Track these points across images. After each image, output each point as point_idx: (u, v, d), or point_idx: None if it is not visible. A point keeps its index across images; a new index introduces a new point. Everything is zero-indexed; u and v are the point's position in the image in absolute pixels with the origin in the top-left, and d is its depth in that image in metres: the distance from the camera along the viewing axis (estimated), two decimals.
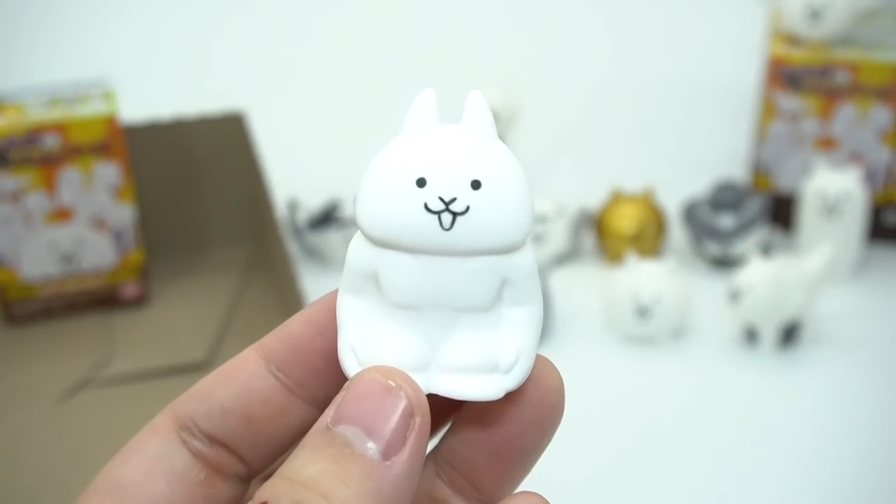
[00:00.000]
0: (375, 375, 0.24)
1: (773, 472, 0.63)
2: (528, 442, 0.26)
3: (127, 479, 0.25)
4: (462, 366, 0.25)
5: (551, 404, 0.26)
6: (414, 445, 0.23)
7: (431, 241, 0.24)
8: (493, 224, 0.25)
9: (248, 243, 0.81)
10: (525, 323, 0.25)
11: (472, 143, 0.25)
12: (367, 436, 0.23)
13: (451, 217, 0.24)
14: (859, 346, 0.72)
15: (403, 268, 0.25)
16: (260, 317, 0.74)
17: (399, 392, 0.24)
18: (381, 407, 0.23)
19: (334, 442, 0.23)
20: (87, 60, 1.08)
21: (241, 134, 0.78)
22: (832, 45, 0.78)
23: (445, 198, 0.24)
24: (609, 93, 1.07)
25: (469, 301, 0.25)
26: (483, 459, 0.26)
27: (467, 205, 0.24)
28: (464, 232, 0.24)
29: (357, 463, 0.23)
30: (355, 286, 0.25)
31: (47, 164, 0.70)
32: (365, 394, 0.24)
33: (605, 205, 0.80)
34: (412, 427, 0.23)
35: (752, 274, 0.70)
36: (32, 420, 0.66)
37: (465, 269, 0.25)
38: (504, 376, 0.25)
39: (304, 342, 0.26)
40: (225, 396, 0.26)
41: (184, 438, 0.26)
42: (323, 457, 0.23)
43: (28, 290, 0.73)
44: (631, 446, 0.65)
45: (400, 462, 0.23)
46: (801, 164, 0.81)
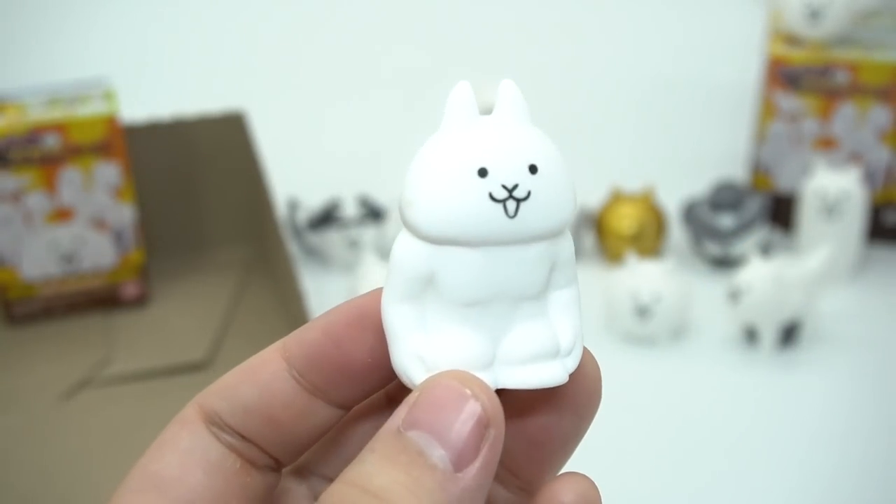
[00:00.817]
0: (452, 382, 0.23)
1: (773, 472, 0.63)
2: (567, 429, 0.26)
3: (165, 474, 0.25)
4: (527, 356, 0.25)
5: (589, 391, 0.26)
6: (486, 458, 0.23)
7: (497, 231, 0.24)
8: (552, 207, 0.25)
9: (248, 243, 0.81)
10: (572, 304, 0.26)
11: (518, 129, 0.25)
12: (440, 445, 0.23)
13: (515, 204, 0.24)
14: (859, 346, 0.72)
15: (467, 263, 0.24)
16: (260, 317, 0.74)
17: (476, 402, 0.23)
18: (455, 415, 0.23)
19: (406, 450, 0.23)
20: (87, 60, 1.08)
21: (241, 134, 0.78)
22: (832, 45, 0.78)
23: (508, 185, 0.24)
24: (609, 93, 1.07)
25: (528, 289, 0.25)
26: (521, 447, 0.26)
27: (529, 190, 0.24)
28: (526, 217, 0.24)
29: (429, 475, 0.22)
30: (409, 291, 0.25)
31: (47, 164, 0.70)
32: (440, 400, 0.23)
33: (604, 205, 0.80)
34: (486, 438, 0.23)
35: (751, 274, 0.70)
36: (32, 420, 0.66)
37: (526, 255, 0.25)
38: (566, 359, 0.25)
39: (321, 351, 0.26)
40: (248, 396, 0.26)
41: (214, 432, 0.26)
42: (394, 464, 0.22)
43: (28, 289, 0.73)
44: (631, 446, 0.65)
45: (471, 475, 0.23)
46: (800, 164, 0.81)
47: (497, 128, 0.25)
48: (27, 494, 0.61)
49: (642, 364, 0.71)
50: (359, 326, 0.26)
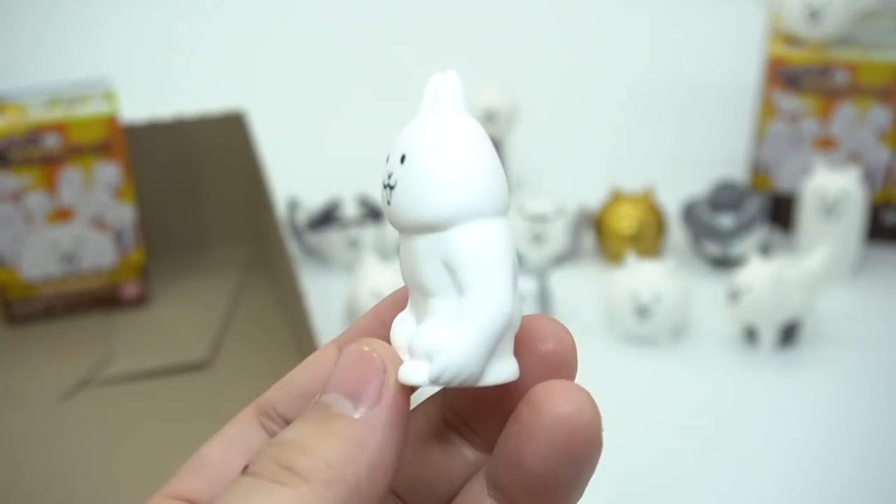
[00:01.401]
0: (354, 346, 0.25)
1: (773, 472, 0.63)
2: (565, 479, 0.25)
3: (207, 457, 0.27)
4: (414, 350, 0.25)
5: (583, 444, 0.24)
6: (390, 398, 0.24)
7: (387, 217, 0.26)
8: (415, 199, 0.24)
9: (248, 243, 0.81)
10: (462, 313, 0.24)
11: (425, 120, 0.25)
12: (347, 399, 0.24)
13: (389, 192, 0.25)
14: (859, 346, 0.72)
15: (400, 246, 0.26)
16: (260, 317, 0.74)
17: (373, 354, 0.25)
18: (358, 371, 0.25)
19: (317, 408, 0.24)
20: (87, 60, 1.08)
21: (241, 134, 0.78)
22: (831, 46, 0.78)
23: (388, 172, 0.25)
24: (609, 93, 1.07)
25: (425, 283, 0.25)
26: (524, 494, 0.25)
27: (396, 179, 0.25)
28: (396, 206, 0.25)
29: (337, 421, 0.24)
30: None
31: (48, 164, 0.70)
32: (346, 363, 0.25)
33: (604, 205, 0.80)
34: (386, 382, 0.24)
35: (751, 274, 0.70)
36: (32, 420, 0.66)
37: (414, 247, 0.25)
38: (429, 364, 0.24)
39: (370, 332, 0.27)
40: (303, 382, 0.28)
41: (263, 422, 0.28)
42: (307, 421, 0.24)
43: (28, 289, 0.73)
44: (630, 446, 0.65)
45: (379, 415, 0.24)
46: (800, 164, 0.81)
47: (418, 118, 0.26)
48: (27, 494, 0.61)
49: (642, 364, 0.71)
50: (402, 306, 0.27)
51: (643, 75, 1.10)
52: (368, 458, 0.24)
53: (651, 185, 0.80)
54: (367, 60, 1.14)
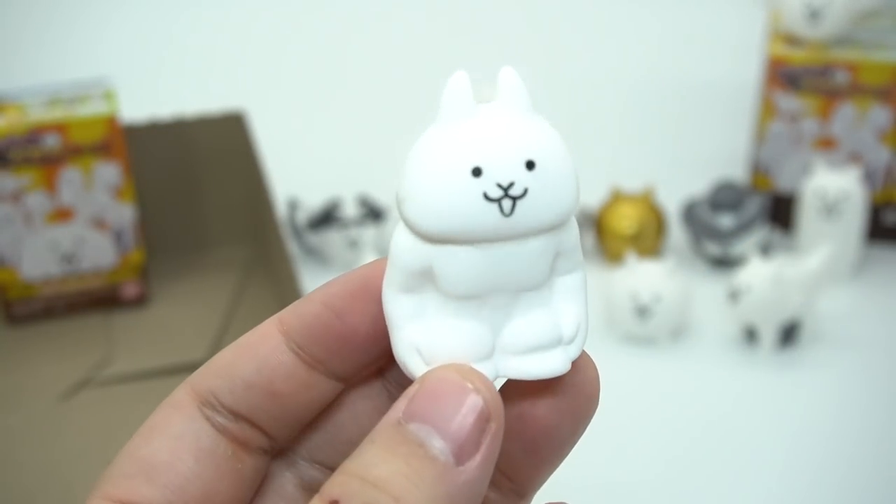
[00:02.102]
0: (453, 375, 0.23)
1: (773, 471, 0.63)
2: (564, 433, 0.26)
3: (154, 459, 0.25)
4: (529, 345, 0.24)
5: (588, 394, 0.26)
6: (487, 451, 0.23)
7: (493, 230, 0.24)
8: (551, 202, 0.24)
9: (248, 243, 0.81)
10: (577, 289, 0.25)
11: (517, 122, 0.24)
12: (440, 437, 0.23)
13: (511, 202, 0.23)
14: (859, 346, 0.72)
15: (464, 260, 0.24)
16: (260, 317, 0.73)
17: (477, 395, 0.23)
18: (457, 408, 0.23)
19: (407, 441, 0.23)
20: (87, 60, 1.08)
21: (241, 134, 0.78)
22: (831, 46, 0.78)
23: (503, 184, 0.23)
24: (609, 93, 1.07)
25: (529, 281, 0.24)
26: (519, 451, 0.26)
27: (525, 187, 0.24)
28: (524, 214, 0.24)
29: (430, 466, 0.22)
30: (407, 284, 0.25)
31: (47, 164, 0.70)
32: (441, 393, 0.23)
33: (604, 204, 0.80)
34: (487, 432, 0.23)
35: (751, 274, 0.70)
36: (32, 420, 0.66)
37: (525, 250, 0.24)
38: (568, 346, 0.25)
39: (321, 323, 0.26)
40: (247, 371, 0.26)
41: (207, 414, 0.26)
42: (395, 455, 0.22)
43: (28, 289, 0.73)
44: (630, 446, 0.65)
45: (472, 468, 0.23)
46: (800, 164, 0.81)
47: (492, 121, 0.24)
48: (27, 494, 0.61)
49: (642, 364, 0.71)
50: (362, 297, 0.26)
51: (643, 75, 1.10)
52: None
53: (651, 185, 0.80)
54: (368, 60, 1.14)
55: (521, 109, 0.25)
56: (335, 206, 0.80)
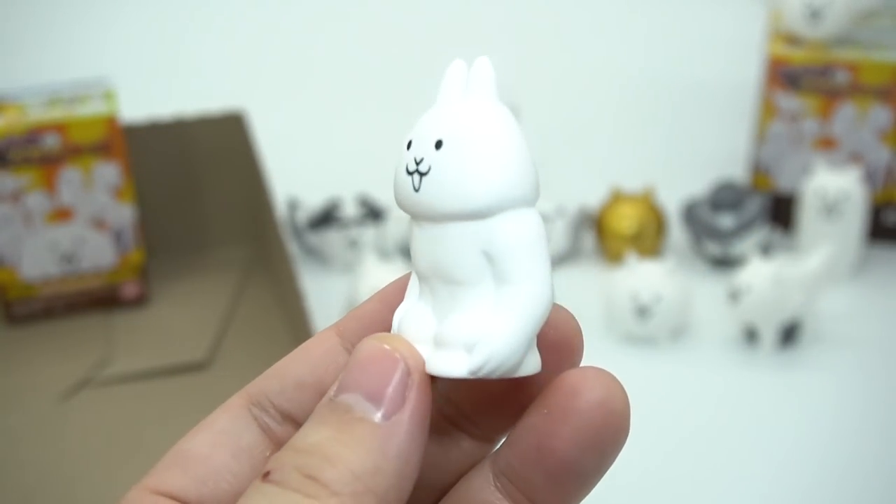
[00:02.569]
0: (373, 342, 0.24)
1: (773, 471, 0.63)
2: (588, 466, 0.25)
3: (193, 452, 0.26)
4: (443, 340, 0.24)
5: (614, 429, 0.25)
6: (414, 403, 0.23)
7: (409, 205, 0.24)
8: (454, 185, 0.24)
9: (248, 243, 0.81)
10: (507, 304, 0.24)
11: (460, 106, 0.25)
12: (367, 400, 0.23)
13: (418, 178, 0.24)
14: (859, 346, 0.72)
15: (414, 236, 0.25)
16: (260, 317, 0.74)
17: (395, 354, 0.24)
18: (379, 371, 0.23)
19: (336, 410, 0.23)
20: (87, 60, 1.08)
21: (241, 134, 0.78)
22: (832, 45, 0.78)
23: (417, 158, 0.24)
24: (609, 93, 1.07)
25: (457, 273, 0.24)
26: (541, 481, 0.25)
27: (429, 165, 0.24)
28: (428, 193, 0.24)
29: (359, 426, 0.23)
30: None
31: (47, 164, 0.70)
32: (364, 361, 0.24)
33: (604, 205, 0.80)
34: (410, 386, 0.23)
35: (751, 274, 0.70)
36: (32, 420, 0.66)
37: (444, 235, 0.24)
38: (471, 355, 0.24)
39: (376, 318, 0.26)
40: (300, 372, 0.26)
41: (255, 414, 0.26)
42: (325, 424, 0.23)
43: (28, 290, 0.73)
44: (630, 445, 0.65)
45: (402, 421, 0.23)
46: (800, 164, 0.81)
47: (444, 103, 0.25)
48: (28, 494, 0.61)
49: (642, 364, 0.71)
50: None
51: (643, 75, 1.10)
52: (395, 467, 0.23)
53: (651, 185, 0.80)
54: (367, 60, 1.14)
55: (483, 96, 0.25)
56: (335, 206, 0.80)
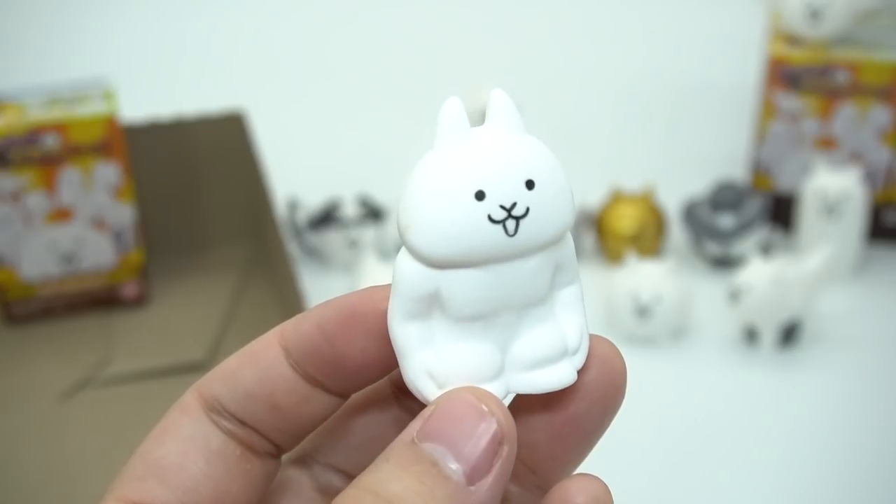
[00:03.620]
0: (469, 397, 0.24)
1: (773, 471, 0.63)
2: (592, 422, 0.26)
3: (166, 461, 0.25)
4: (535, 360, 0.25)
5: (617, 384, 0.26)
6: (499, 474, 0.23)
7: (498, 250, 0.24)
8: (551, 218, 0.25)
9: (248, 243, 0.81)
10: (576, 301, 0.26)
11: (511, 143, 0.25)
12: (454, 457, 0.23)
13: (514, 223, 0.24)
14: (859, 346, 0.72)
15: (471, 282, 0.24)
16: (260, 317, 0.74)
17: (491, 417, 0.23)
18: (471, 430, 0.23)
19: (421, 459, 0.23)
20: (87, 60, 1.08)
21: (241, 134, 0.78)
22: (832, 45, 0.78)
23: (506, 205, 0.24)
24: (609, 93, 1.07)
25: (533, 296, 0.25)
26: (545, 442, 0.27)
27: (527, 206, 0.24)
28: (526, 233, 0.24)
29: (442, 485, 0.23)
30: (413, 310, 0.25)
31: (47, 164, 0.70)
32: (456, 414, 0.23)
33: (604, 205, 0.80)
34: (500, 455, 0.23)
35: (751, 274, 0.70)
36: (32, 420, 0.66)
37: (528, 267, 0.25)
38: (573, 357, 0.26)
39: (315, 345, 0.26)
40: (249, 382, 0.26)
41: (214, 419, 0.26)
42: (408, 473, 0.23)
43: (28, 290, 0.73)
44: (630, 445, 0.65)
45: (483, 489, 0.23)
46: (800, 164, 0.81)
47: (490, 144, 0.25)
48: (28, 494, 0.61)
49: (642, 364, 0.71)
50: (351, 326, 0.26)
51: (643, 75, 1.10)
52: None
53: (651, 185, 0.80)
54: (367, 60, 1.14)
55: (513, 130, 0.25)
56: (335, 206, 0.80)
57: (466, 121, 0.25)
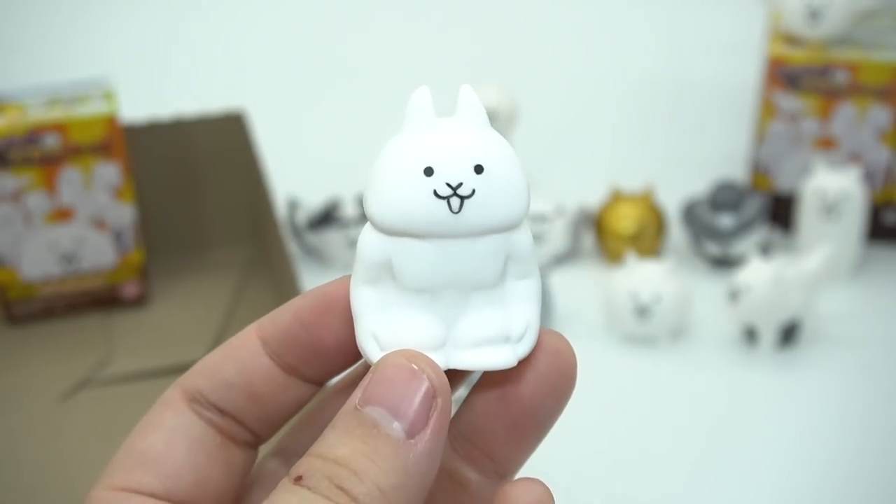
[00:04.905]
0: (400, 360, 0.25)
1: (772, 471, 0.63)
2: (546, 411, 0.28)
3: (150, 451, 0.27)
4: (477, 339, 0.27)
5: (567, 373, 0.28)
6: (436, 425, 0.25)
7: (442, 226, 0.26)
8: (498, 204, 0.27)
9: (248, 243, 0.81)
10: (529, 295, 0.28)
11: (470, 132, 0.27)
12: (392, 416, 0.25)
13: (459, 200, 0.26)
14: (859, 346, 0.72)
15: (417, 253, 0.26)
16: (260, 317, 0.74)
17: (422, 375, 0.25)
18: (406, 389, 0.25)
19: (363, 423, 0.25)
20: (87, 60, 1.08)
21: (241, 134, 0.78)
22: (831, 46, 0.78)
23: (452, 183, 0.26)
24: (609, 93, 1.07)
25: (479, 279, 0.27)
26: (501, 430, 0.28)
27: (473, 188, 0.26)
28: (471, 214, 0.26)
29: (384, 442, 0.24)
30: (369, 276, 0.27)
31: (47, 164, 0.70)
32: (391, 377, 0.25)
33: (604, 205, 0.80)
34: (434, 408, 0.25)
35: (751, 274, 0.70)
36: (32, 420, 0.66)
37: (475, 249, 0.27)
38: (516, 345, 0.27)
39: (292, 334, 0.28)
40: (229, 373, 0.28)
41: (196, 410, 0.28)
42: (353, 437, 0.25)
43: (28, 289, 0.73)
44: (630, 446, 0.65)
45: (423, 441, 0.25)
46: (800, 164, 0.81)
47: (448, 131, 0.27)
48: (27, 494, 0.61)
49: (642, 364, 0.71)
50: (325, 312, 0.28)
51: (643, 75, 1.10)
52: (416, 484, 0.24)
53: (651, 185, 0.80)
54: (367, 60, 1.14)
55: (476, 123, 0.27)
56: (335, 206, 0.80)
57: (432, 111, 0.27)
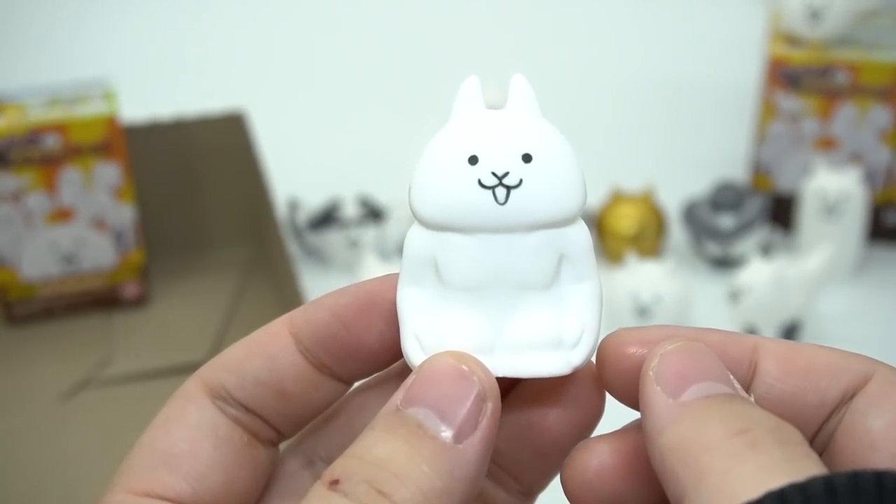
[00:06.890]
0: (449, 360, 0.24)
1: None
2: (570, 442, 0.27)
3: (175, 450, 0.25)
4: (526, 343, 0.25)
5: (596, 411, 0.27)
6: (485, 430, 0.23)
7: (487, 218, 0.25)
8: (547, 196, 0.25)
9: (248, 243, 0.81)
10: (588, 299, 0.26)
11: (519, 120, 0.25)
12: (439, 419, 0.23)
13: (505, 191, 0.24)
14: (859, 346, 0.71)
15: (462, 249, 0.25)
16: (260, 317, 0.74)
17: (472, 377, 0.24)
18: (454, 391, 0.23)
19: (406, 423, 0.23)
20: (87, 60, 1.08)
21: (241, 134, 0.78)
22: (832, 46, 0.78)
23: (498, 172, 0.24)
24: (609, 93, 1.07)
25: (529, 278, 0.25)
26: (527, 457, 0.27)
27: (520, 178, 0.25)
28: (519, 205, 0.25)
29: (429, 444, 0.23)
30: (415, 276, 0.25)
31: (48, 165, 0.70)
32: (438, 378, 0.24)
33: (605, 205, 0.80)
34: (484, 412, 0.23)
35: (751, 274, 0.70)
36: (32, 420, 0.66)
37: (523, 244, 0.25)
38: (570, 352, 0.25)
39: (330, 332, 0.26)
40: (259, 370, 0.26)
41: (219, 406, 0.26)
42: (396, 436, 0.23)
43: (28, 290, 0.73)
44: None
45: (472, 446, 0.23)
46: (800, 165, 0.81)
47: (496, 119, 0.25)
48: (28, 494, 0.61)
49: None
50: (369, 311, 0.26)
51: (643, 75, 1.10)
52: (462, 489, 0.23)
53: (651, 185, 0.80)
54: (368, 60, 1.14)
55: (528, 111, 0.26)
56: (335, 207, 0.80)
57: (481, 100, 0.26)
